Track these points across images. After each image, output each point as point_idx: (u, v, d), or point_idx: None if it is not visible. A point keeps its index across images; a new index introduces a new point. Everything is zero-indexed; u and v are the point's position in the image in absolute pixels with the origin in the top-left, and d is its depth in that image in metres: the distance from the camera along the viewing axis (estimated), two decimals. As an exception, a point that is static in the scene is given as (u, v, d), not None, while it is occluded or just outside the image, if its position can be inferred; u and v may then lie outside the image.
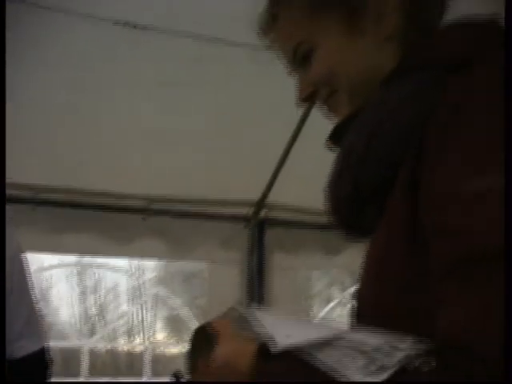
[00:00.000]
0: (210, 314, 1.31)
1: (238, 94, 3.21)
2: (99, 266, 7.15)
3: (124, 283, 11.45)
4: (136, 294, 11.79)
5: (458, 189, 0.81)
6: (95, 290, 11.72)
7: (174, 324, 12.08)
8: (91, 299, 11.69)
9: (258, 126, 3.37)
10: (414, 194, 0.87)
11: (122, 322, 11.98)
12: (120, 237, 3.77)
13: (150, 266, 9.19)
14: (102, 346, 10.68)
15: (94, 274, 10.56)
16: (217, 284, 4.04)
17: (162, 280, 9.97)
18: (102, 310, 11.76)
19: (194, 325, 6.22)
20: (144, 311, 12.49)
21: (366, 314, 0.96)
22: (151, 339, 12.27)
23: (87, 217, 3.67)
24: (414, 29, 1.04)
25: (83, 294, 11.62)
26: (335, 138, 1.08)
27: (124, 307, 12.49)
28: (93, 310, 11.65)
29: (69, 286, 11.59)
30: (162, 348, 11.41)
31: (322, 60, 1.04)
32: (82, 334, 11.17)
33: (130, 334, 12.08)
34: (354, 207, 1.00)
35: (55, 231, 3.59)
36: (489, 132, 0.83)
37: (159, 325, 13.22)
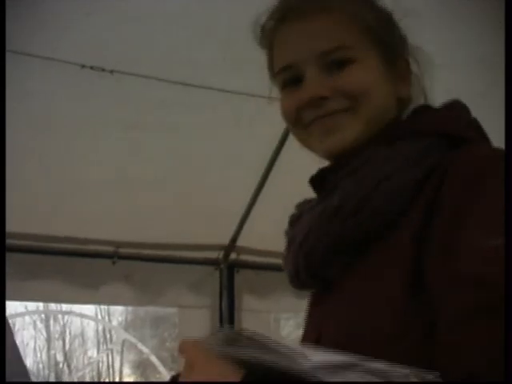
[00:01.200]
0: (178, 358, 1.28)
1: (204, 139, 3.20)
2: (65, 313, 7.03)
3: (91, 329, 11.29)
4: (104, 339, 11.61)
5: (476, 244, 0.86)
6: (61, 336, 11.52)
7: (142, 369, 11.91)
8: (57, 346, 11.48)
9: (225, 170, 3.36)
10: (420, 247, 0.91)
11: (89, 368, 11.77)
12: (86, 282, 3.71)
13: (118, 311, 9.08)
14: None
15: (60, 320, 10.41)
16: (187, 328, 3.99)
17: (131, 324, 9.86)
18: (68, 357, 11.54)
19: (164, 369, 6.13)
20: (112, 357, 12.29)
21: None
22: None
23: (52, 263, 3.61)
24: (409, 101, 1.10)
25: (49, 341, 11.41)
26: (317, 181, 1.08)
27: (91, 353, 12.29)
28: (59, 357, 11.44)
29: (34, 333, 11.39)
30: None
31: (359, 73, 1.05)
32: (49, 382, 10.95)
33: (97, 379, 11.87)
34: (326, 257, 1.00)
35: (19, 278, 3.51)
36: (495, 202, 0.89)
37: (127, 370, 13.03)
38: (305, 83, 1.06)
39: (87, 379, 11.47)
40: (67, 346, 11.66)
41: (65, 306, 5.96)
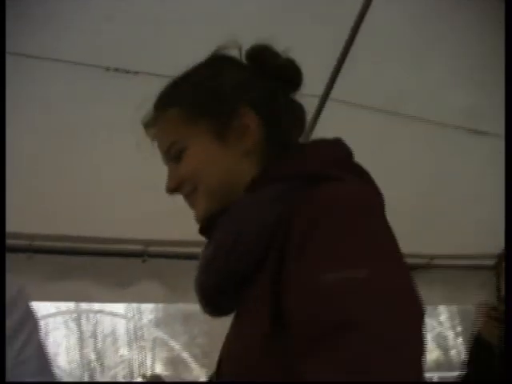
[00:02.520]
0: (210, 354, 1.30)
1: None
2: (97, 312, 7.10)
3: (122, 327, 11.37)
4: (135, 337, 11.70)
5: (315, 280, 0.92)
6: (93, 335, 11.62)
7: (174, 365, 11.99)
8: (89, 345, 11.59)
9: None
10: (278, 285, 0.99)
11: (121, 366, 11.87)
12: (117, 281, 3.76)
13: (148, 309, 9.16)
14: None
15: (92, 319, 10.50)
16: (217, 323, 4.02)
17: (161, 322, 9.93)
18: (100, 356, 11.65)
19: (195, 365, 6.19)
20: (144, 354, 12.38)
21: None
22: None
23: (83, 263, 3.67)
24: (274, 144, 1.19)
25: (81, 340, 11.53)
26: (203, 231, 1.22)
27: (123, 351, 12.39)
28: (91, 356, 11.55)
29: (66, 332, 11.49)
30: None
31: (189, 160, 1.19)
32: (82, 381, 11.07)
33: (130, 377, 11.96)
34: (218, 294, 1.15)
35: (52, 279, 3.57)
36: (343, 240, 0.95)
37: (159, 367, 13.11)
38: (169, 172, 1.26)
39: (119, 377, 11.58)
40: (99, 345, 11.77)
41: (96, 305, 6.02)
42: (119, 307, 7.37)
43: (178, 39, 2.89)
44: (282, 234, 1.01)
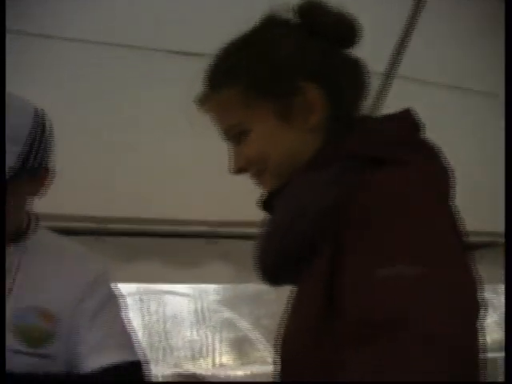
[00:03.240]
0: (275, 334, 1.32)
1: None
2: (165, 293, 7.20)
3: (188, 308, 11.51)
4: (201, 318, 11.83)
5: (369, 274, 0.91)
6: (160, 316, 11.80)
7: (240, 346, 12.08)
8: (156, 326, 11.76)
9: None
10: (332, 270, 0.99)
11: (187, 346, 12.01)
12: (185, 263, 3.81)
13: (214, 290, 9.23)
14: (169, 372, 10.74)
15: (159, 300, 10.63)
16: (282, 304, 4.03)
17: (227, 303, 10.00)
18: (167, 337, 11.81)
19: (262, 346, 6.22)
20: (210, 335, 12.52)
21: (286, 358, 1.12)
22: (218, 362, 12.29)
23: (151, 244, 3.72)
24: (339, 115, 1.16)
25: (149, 321, 11.71)
26: (265, 206, 1.21)
27: (188, 332, 12.54)
28: (157, 337, 11.72)
29: (134, 314, 11.70)
30: (228, 371, 11.42)
31: (254, 144, 1.17)
32: (150, 361, 11.23)
33: (195, 358, 12.11)
34: (276, 270, 1.16)
35: (120, 261, 3.62)
36: (396, 233, 0.94)
37: (225, 348, 13.24)
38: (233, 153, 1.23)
39: (186, 357, 11.72)
40: (166, 326, 11.94)
41: (164, 287, 6.10)
42: (185, 288, 7.43)
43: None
44: (338, 219, 1.01)
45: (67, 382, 1.53)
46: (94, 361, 1.55)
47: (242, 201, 3.51)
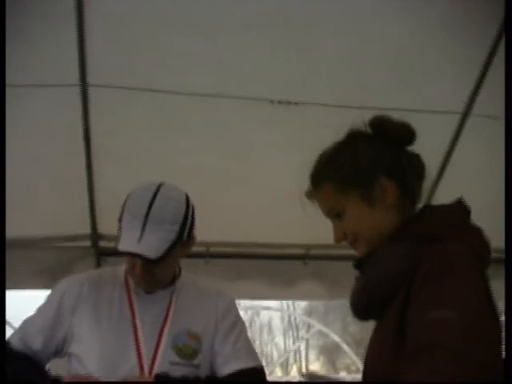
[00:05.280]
0: (362, 341, 1.66)
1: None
2: (262, 308, 7.66)
3: (278, 318, 11.97)
4: (290, 326, 12.26)
5: (426, 316, 1.37)
6: (256, 327, 12.25)
7: (328, 353, 12.43)
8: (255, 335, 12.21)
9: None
10: (403, 310, 1.45)
11: (276, 354, 12.43)
12: (283, 281, 4.27)
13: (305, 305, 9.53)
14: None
15: (259, 314, 11.12)
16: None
17: (314, 311, 10.35)
18: (261, 345, 12.28)
19: (350, 352, 6.58)
20: (298, 342, 12.95)
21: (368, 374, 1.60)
22: (306, 369, 12.68)
23: (254, 266, 4.22)
24: (406, 197, 1.61)
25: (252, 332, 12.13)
26: (358, 267, 1.64)
27: (278, 340, 13.00)
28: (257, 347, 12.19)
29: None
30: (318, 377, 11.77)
31: (349, 221, 1.61)
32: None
33: (286, 366, 12.53)
34: (363, 311, 1.62)
35: (227, 280, 4.09)
36: (445, 288, 1.39)
37: (313, 354, 13.63)
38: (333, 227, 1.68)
39: (278, 366, 12.13)
40: (262, 335, 12.38)
41: (263, 303, 6.56)
42: (278, 303, 7.89)
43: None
44: (409, 280, 1.45)
45: (211, 380, 2.05)
46: (229, 367, 2.05)
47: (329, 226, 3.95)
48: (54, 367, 2.14)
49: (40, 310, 2.09)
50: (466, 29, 3.38)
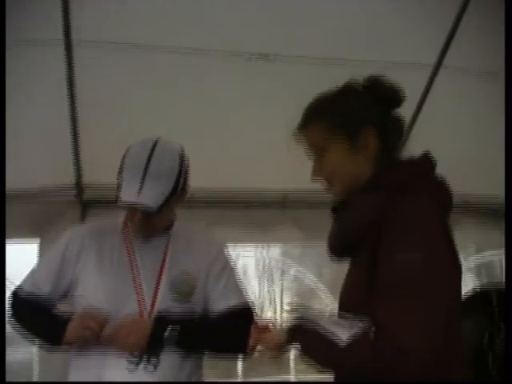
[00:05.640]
0: (336, 286, 1.87)
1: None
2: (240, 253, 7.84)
3: (253, 261, 12.18)
4: (264, 270, 12.49)
5: (392, 259, 1.59)
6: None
7: (303, 295, 12.73)
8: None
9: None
10: (373, 254, 1.64)
11: (252, 297, 12.65)
12: (261, 227, 4.48)
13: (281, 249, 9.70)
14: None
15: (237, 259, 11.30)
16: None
17: (290, 255, 10.51)
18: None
19: (325, 296, 6.77)
20: (273, 287, 13.21)
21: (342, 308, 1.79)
22: (282, 312, 12.97)
23: (233, 212, 4.39)
24: (384, 151, 1.78)
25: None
26: (334, 211, 1.86)
27: (253, 284, 13.24)
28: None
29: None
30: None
31: (329, 161, 1.80)
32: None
33: (260, 312, 12.76)
34: (339, 251, 1.83)
35: (206, 226, 4.22)
36: (410, 233, 1.59)
37: (288, 299, 13.92)
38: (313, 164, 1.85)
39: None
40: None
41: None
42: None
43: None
44: (379, 225, 1.65)
45: (205, 318, 2.25)
46: (221, 304, 2.24)
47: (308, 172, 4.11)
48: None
49: (46, 259, 2.27)
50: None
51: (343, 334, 1.56)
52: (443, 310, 1.53)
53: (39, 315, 2.22)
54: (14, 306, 2.29)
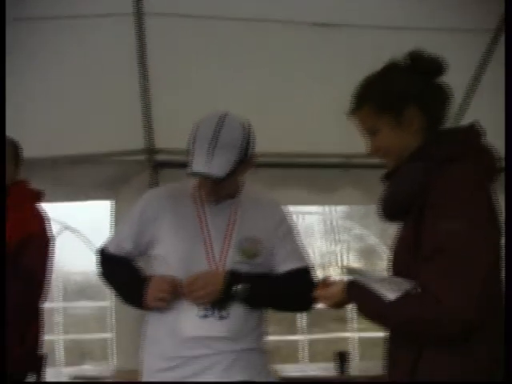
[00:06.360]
0: None
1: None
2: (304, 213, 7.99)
3: (318, 222, 12.34)
4: (329, 230, 12.65)
5: (436, 226, 1.72)
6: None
7: (367, 255, 12.86)
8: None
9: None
10: (419, 221, 1.77)
11: (318, 256, 12.82)
12: (324, 188, 4.67)
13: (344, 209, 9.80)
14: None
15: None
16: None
17: (354, 215, 10.63)
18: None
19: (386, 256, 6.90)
20: (337, 245, 13.39)
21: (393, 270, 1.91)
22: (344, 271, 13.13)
23: (296, 174, 4.60)
24: (430, 124, 1.90)
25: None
26: (386, 178, 1.96)
27: (319, 243, 13.42)
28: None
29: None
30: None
31: (381, 139, 1.92)
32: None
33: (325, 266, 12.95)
34: (389, 215, 1.94)
35: (272, 188, 4.32)
36: (453, 203, 1.72)
37: (352, 256, 14.07)
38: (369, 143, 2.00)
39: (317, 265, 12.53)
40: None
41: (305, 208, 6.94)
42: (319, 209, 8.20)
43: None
44: (424, 194, 1.77)
45: (272, 276, 2.42)
46: (285, 266, 2.42)
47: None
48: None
49: (127, 220, 2.48)
50: None
51: (392, 293, 1.73)
52: (483, 274, 1.67)
53: (122, 277, 2.47)
54: (100, 264, 2.54)
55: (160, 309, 2.34)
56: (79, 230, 5.17)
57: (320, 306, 2.13)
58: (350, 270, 1.98)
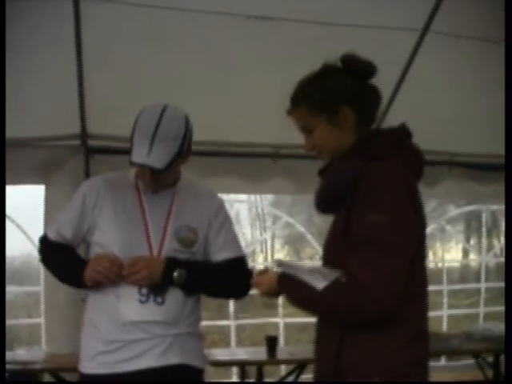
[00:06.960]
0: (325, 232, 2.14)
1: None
2: (234, 201, 8.07)
3: (245, 210, 12.49)
4: (257, 217, 12.80)
5: (363, 219, 1.87)
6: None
7: (293, 243, 13.07)
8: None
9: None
10: (350, 213, 1.92)
11: (244, 244, 13.00)
12: (257, 178, 4.79)
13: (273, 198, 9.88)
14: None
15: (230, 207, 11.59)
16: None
17: (280, 203, 10.79)
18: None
19: (315, 243, 7.07)
20: (264, 232, 13.57)
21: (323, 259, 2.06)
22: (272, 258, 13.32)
23: (228, 163, 4.69)
24: (361, 122, 2.03)
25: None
26: (321, 174, 2.08)
27: (246, 231, 13.60)
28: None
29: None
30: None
31: (317, 137, 2.04)
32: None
33: (252, 256, 13.14)
34: (323, 208, 2.08)
35: (201, 176, 4.45)
36: (378, 197, 1.86)
37: (278, 246, 14.28)
38: (305, 140, 2.11)
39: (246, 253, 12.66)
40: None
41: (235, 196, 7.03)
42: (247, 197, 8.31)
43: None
44: (355, 189, 1.91)
45: (206, 264, 2.52)
46: (222, 254, 2.52)
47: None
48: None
49: (67, 208, 2.52)
50: None
51: (320, 283, 1.86)
52: (403, 265, 1.83)
53: (62, 260, 2.51)
54: (41, 251, 2.58)
55: (99, 291, 2.40)
56: (10, 215, 5.13)
57: (252, 292, 2.26)
58: (280, 263, 2.07)
